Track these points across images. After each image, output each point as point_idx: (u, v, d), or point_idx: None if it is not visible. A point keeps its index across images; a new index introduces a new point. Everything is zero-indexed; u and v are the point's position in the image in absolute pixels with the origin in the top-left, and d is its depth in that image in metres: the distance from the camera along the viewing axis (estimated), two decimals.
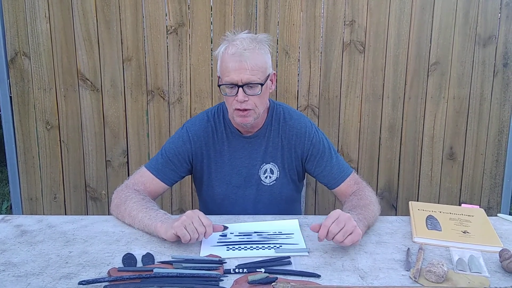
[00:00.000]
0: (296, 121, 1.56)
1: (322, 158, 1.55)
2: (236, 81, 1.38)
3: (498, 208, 2.52)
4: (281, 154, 1.56)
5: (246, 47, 1.38)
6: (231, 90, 1.41)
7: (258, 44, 1.42)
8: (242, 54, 1.37)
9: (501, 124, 2.43)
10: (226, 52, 1.40)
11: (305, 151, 1.56)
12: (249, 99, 1.41)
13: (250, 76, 1.38)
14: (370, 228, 1.37)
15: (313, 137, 1.55)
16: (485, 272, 1.13)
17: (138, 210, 1.34)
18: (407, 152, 2.45)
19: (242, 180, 1.57)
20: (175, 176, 1.55)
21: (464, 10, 2.31)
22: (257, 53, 1.40)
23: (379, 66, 2.35)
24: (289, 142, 1.55)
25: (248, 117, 1.44)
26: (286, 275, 1.09)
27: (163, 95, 2.34)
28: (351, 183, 1.55)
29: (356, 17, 2.30)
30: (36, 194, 2.43)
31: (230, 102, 1.44)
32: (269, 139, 1.56)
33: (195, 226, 1.19)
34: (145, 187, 1.50)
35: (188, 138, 1.54)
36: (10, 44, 2.27)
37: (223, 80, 1.42)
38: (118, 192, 1.47)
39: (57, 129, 2.36)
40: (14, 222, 1.39)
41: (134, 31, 2.27)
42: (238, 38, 1.41)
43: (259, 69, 1.40)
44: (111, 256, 1.18)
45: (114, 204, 1.44)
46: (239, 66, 1.37)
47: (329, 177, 1.57)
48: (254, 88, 1.41)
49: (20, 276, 1.08)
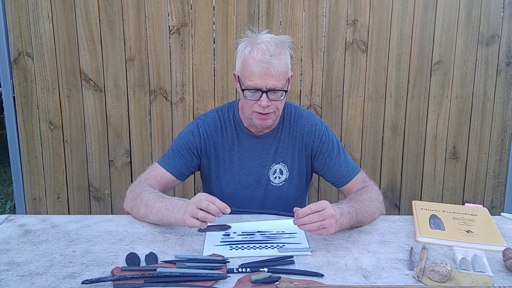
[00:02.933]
0: (306, 120, 1.56)
1: (331, 156, 1.55)
2: (261, 87, 1.37)
3: (501, 207, 2.51)
4: (291, 155, 1.56)
5: (272, 53, 1.35)
6: (254, 94, 1.40)
7: (282, 49, 1.39)
8: (269, 62, 1.34)
9: (504, 123, 2.42)
10: (250, 55, 1.37)
11: (314, 148, 1.56)
12: (271, 104, 1.40)
13: (275, 82, 1.37)
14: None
15: (323, 134, 1.56)
16: (489, 271, 1.13)
17: (154, 201, 1.35)
18: (410, 151, 2.45)
19: (251, 180, 1.57)
20: (185, 170, 1.55)
21: (467, 9, 2.31)
22: (282, 58, 1.38)
23: (382, 66, 2.35)
24: (300, 141, 1.56)
25: (268, 120, 1.44)
26: (289, 274, 1.09)
27: (165, 95, 2.34)
28: (358, 182, 1.54)
29: (359, 17, 2.30)
30: (39, 194, 2.43)
31: (250, 105, 1.42)
32: (280, 139, 1.56)
33: (204, 210, 1.19)
34: (157, 181, 1.51)
35: (198, 133, 1.55)
36: (13, 44, 2.27)
37: (245, 83, 1.40)
38: (132, 187, 1.48)
39: (60, 129, 2.37)
40: (17, 222, 1.39)
41: (136, 31, 2.28)
42: (263, 41, 1.37)
43: (283, 75, 1.38)
44: (114, 256, 1.19)
45: (130, 198, 1.44)
46: (266, 72, 1.35)
47: (337, 175, 1.56)
48: (277, 94, 1.40)
49: (24, 276, 1.08)
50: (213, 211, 1.18)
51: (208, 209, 1.18)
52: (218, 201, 1.20)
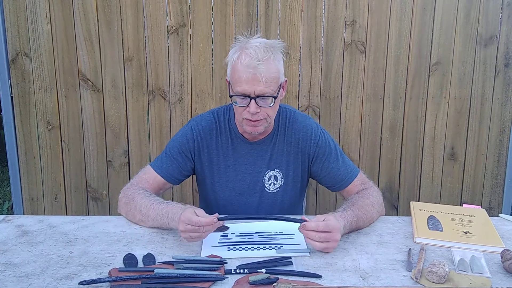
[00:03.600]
0: (301, 124, 1.53)
1: (328, 160, 1.52)
2: (249, 93, 1.34)
3: (499, 208, 2.52)
4: (286, 161, 1.53)
5: (260, 58, 1.31)
6: (242, 101, 1.37)
7: (272, 53, 1.35)
8: (256, 67, 1.31)
9: (503, 124, 2.42)
10: (238, 61, 1.34)
11: (311, 153, 1.53)
12: (261, 110, 1.37)
13: (263, 88, 1.33)
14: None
15: (319, 138, 1.52)
16: (487, 272, 1.13)
17: (148, 208, 1.35)
18: (408, 152, 2.45)
19: (246, 187, 1.54)
20: (178, 174, 1.53)
21: (465, 10, 2.31)
22: (271, 64, 1.34)
23: (380, 66, 2.35)
24: (295, 146, 1.52)
25: (259, 127, 1.41)
26: (287, 275, 1.09)
27: (164, 95, 2.34)
28: (358, 184, 1.53)
29: (357, 17, 2.30)
30: (37, 195, 2.43)
31: (240, 111, 1.40)
32: (275, 145, 1.53)
33: (192, 229, 1.20)
34: (148, 185, 1.49)
35: (192, 136, 1.52)
36: (11, 44, 2.27)
37: (234, 89, 1.37)
38: (124, 191, 1.47)
39: (58, 130, 2.36)
40: (15, 223, 1.39)
41: (135, 31, 2.27)
42: (252, 46, 1.34)
43: (272, 81, 1.35)
44: (112, 257, 1.18)
45: (123, 203, 1.44)
46: (252, 78, 1.32)
47: (336, 179, 1.53)
48: (267, 100, 1.36)
49: (21, 277, 1.08)
50: (199, 232, 1.20)
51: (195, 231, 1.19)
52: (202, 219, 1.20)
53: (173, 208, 1.30)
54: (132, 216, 1.40)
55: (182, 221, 1.20)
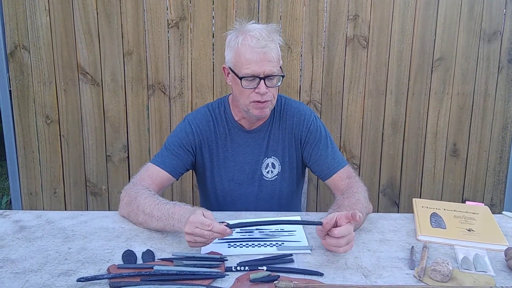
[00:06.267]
0: (296, 109, 1.55)
1: (318, 146, 1.53)
2: (258, 73, 1.36)
3: (501, 205, 2.51)
4: (282, 147, 1.55)
5: (266, 39, 1.35)
6: (250, 83, 1.38)
7: (274, 35, 1.40)
8: (266, 46, 1.34)
9: (505, 120, 2.41)
10: (245, 43, 1.37)
11: (302, 137, 1.54)
12: (269, 91, 1.39)
13: (272, 68, 1.37)
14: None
15: (311, 124, 1.54)
16: (491, 271, 1.11)
17: (152, 207, 1.28)
18: (410, 148, 2.43)
19: (245, 176, 1.55)
20: (181, 168, 1.52)
21: (469, 5, 2.29)
22: (276, 44, 1.39)
23: (383, 62, 2.33)
24: (290, 132, 1.54)
25: (266, 109, 1.43)
26: (289, 273, 1.08)
27: (164, 89, 2.32)
28: (344, 176, 1.50)
29: (360, 12, 2.27)
30: (36, 189, 2.41)
31: (247, 94, 1.40)
32: (271, 132, 1.54)
33: (200, 233, 1.12)
34: (152, 181, 1.45)
35: (191, 130, 1.52)
36: (10, 37, 2.24)
37: (241, 72, 1.38)
38: (126, 190, 1.41)
39: (57, 124, 2.34)
40: (12, 218, 1.37)
41: (135, 25, 2.25)
42: (255, 29, 1.38)
43: (278, 61, 1.39)
44: (110, 253, 1.17)
45: (125, 202, 1.38)
46: (263, 57, 1.35)
47: (322, 166, 1.53)
48: (273, 80, 1.39)
49: (19, 273, 1.06)
50: (206, 238, 1.12)
51: (202, 235, 1.12)
52: (215, 226, 1.12)
53: (181, 209, 1.23)
54: (135, 217, 1.34)
55: (190, 223, 1.13)
